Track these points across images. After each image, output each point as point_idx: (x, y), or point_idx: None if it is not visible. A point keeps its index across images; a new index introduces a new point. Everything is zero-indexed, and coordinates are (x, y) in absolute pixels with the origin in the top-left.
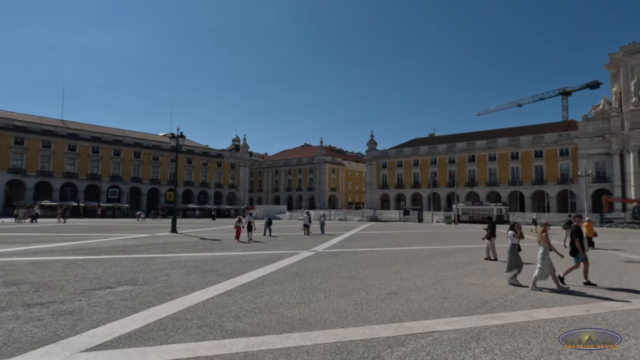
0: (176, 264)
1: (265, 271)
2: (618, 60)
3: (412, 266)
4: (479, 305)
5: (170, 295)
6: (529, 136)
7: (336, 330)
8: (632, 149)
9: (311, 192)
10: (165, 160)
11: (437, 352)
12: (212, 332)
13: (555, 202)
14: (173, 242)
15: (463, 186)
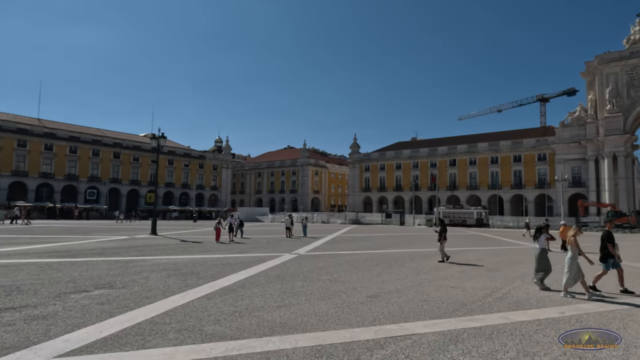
0: (155, 266)
1: (247, 274)
2: (594, 68)
3: (393, 269)
4: (458, 307)
5: (149, 299)
6: (508, 141)
7: (316, 334)
8: (606, 155)
9: (294, 194)
10: (145, 161)
11: (416, 354)
12: (190, 337)
13: (533, 206)
14: (153, 245)
15: (444, 190)
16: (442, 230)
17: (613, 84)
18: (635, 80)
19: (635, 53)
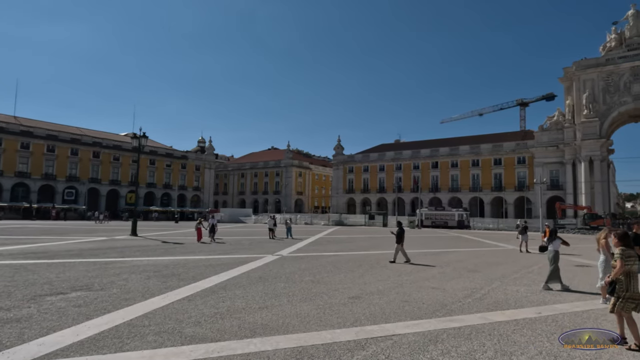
0: (135, 268)
1: (229, 275)
2: (571, 74)
3: (376, 270)
4: (438, 308)
5: (128, 301)
6: (489, 144)
7: (298, 335)
8: (583, 159)
9: (277, 195)
10: (126, 161)
11: (397, 355)
12: (170, 339)
13: (513, 208)
14: (133, 246)
15: (427, 191)
16: (399, 233)
17: (590, 89)
18: (611, 86)
19: (611, 60)
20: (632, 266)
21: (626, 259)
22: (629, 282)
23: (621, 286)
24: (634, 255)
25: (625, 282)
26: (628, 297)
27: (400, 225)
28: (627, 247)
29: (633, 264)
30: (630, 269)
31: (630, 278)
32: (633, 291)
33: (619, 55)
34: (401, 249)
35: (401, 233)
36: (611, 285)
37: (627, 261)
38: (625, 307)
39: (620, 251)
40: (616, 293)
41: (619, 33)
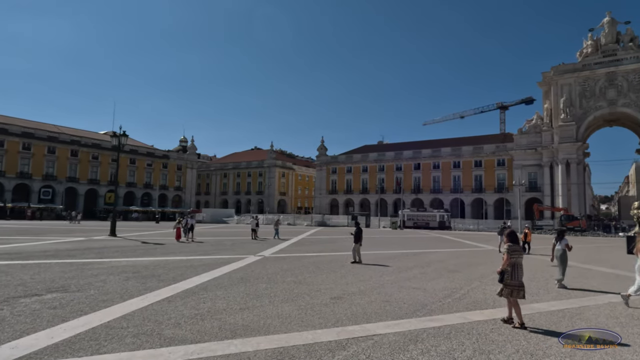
0: (114, 269)
1: (210, 276)
2: (550, 79)
3: (358, 271)
4: (419, 308)
5: (106, 303)
6: (469, 147)
7: (279, 336)
8: (560, 162)
9: (260, 196)
10: (105, 160)
11: (377, 354)
12: (149, 341)
13: (493, 210)
14: (111, 246)
15: (409, 193)
16: (357, 233)
17: (567, 94)
18: (587, 91)
19: (587, 66)
20: (517, 259)
21: (512, 253)
22: (514, 272)
23: (508, 275)
24: (519, 250)
25: (511, 272)
26: (513, 284)
27: (358, 225)
28: (513, 244)
29: (518, 257)
30: (515, 262)
31: (514, 269)
32: (517, 279)
33: (594, 61)
34: (357, 249)
35: (359, 233)
36: (501, 274)
37: (512, 255)
38: (512, 292)
39: (507, 247)
40: (504, 281)
41: (595, 40)
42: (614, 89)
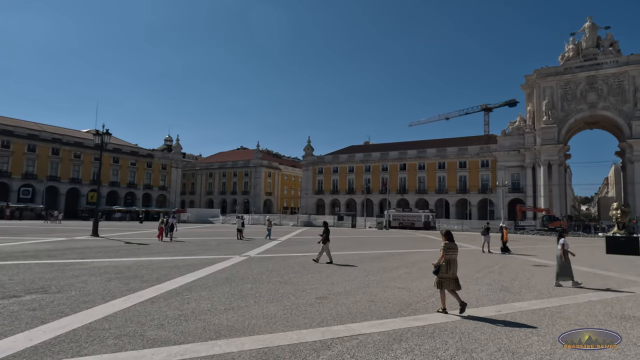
0: (95, 270)
1: (194, 277)
2: (532, 82)
3: (343, 270)
4: (403, 307)
5: (87, 304)
6: (454, 148)
7: (264, 336)
8: (542, 163)
9: (246, 195)
10: (88, 159)
11: (362, 354)
12: (131, 342)
13: (477, 210)
14: (94, 247)
15: (395, 193)
16: (324, 232)
17: (549, 97)
18: (569, 94)
19: (569, 69)
20: (451, 255)
21: (447, 250)
22: (448, 267)
23: (443, 270)
24: (454, 248)
25: (446, 267)
26: (447, 277)
27: (326, 225)
28: (449, 242)
29: (452, 254)
30: (450, 258)
31: (449, 264)
32: (451, 273)
33: (576, 65)
34: (326, 249)
35: (327, 234)
36: (436, 268)
37: (447, 252)
38: (444, 284)
39: (444, 245)
40: (439, 274)
41: (577, 44)
42: (595, 93)
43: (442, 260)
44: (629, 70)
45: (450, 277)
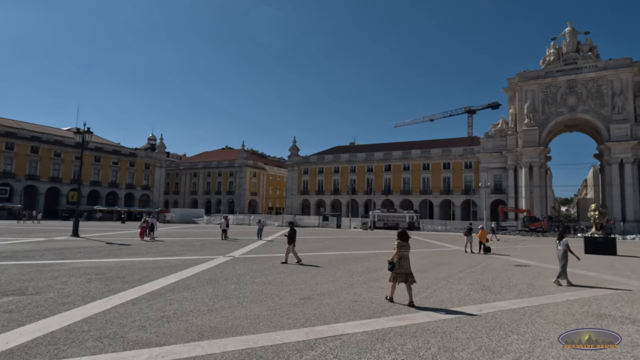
0: (75, 270)
1: (177, 277)
2: (515, 85)
3: (327, 271)
4: (387, 307)
5: (66, 306)
6: (438, 149)
7: (247, 337)
8: (524, 165)
9: (231, 196)
10: (68, 157)
11: (345, 354)
12: (111, 344)
13: (460, 211)
14: (74, 247)
15: (380, 194)
16: (290, 234)
17: (531, 100)
18: (550, 97)
19: (550, 73)
20: (404, 252)
21: (400, 248)
22: (401, 263)
23: (397, 266)
24: (407, 246)
25: (398, 263)
26: (401, 272)
27: (292, 225)
28: (402, 240)
29: (405, 251)
30: (402, 254)
31: (402, 260)
32: (404, 268)
33: (556, 68)
34: (292, 250)
35: (292, 234)
36: (390, 264)
37: (401, 249)
38: (397, 278)
39: (397, 243)
40: (394, 269)
41: (558, 48)
42: (574, 96)
43: (396, 257)
44: (607, 75)
45: (404, 272)
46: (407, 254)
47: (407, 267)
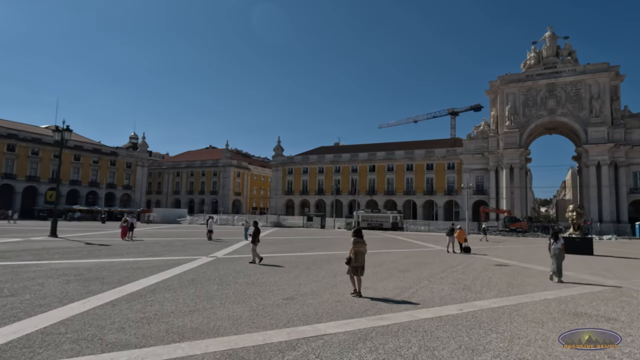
0: (53, 271)
1: (159, 278)
2: (496, 88)
3: (311, 271)
4: (369, 307)
5: (42, 307)
6: (422, 150)
7: (229, 338)
8: (505, 166)
9: (214, 195)
10: (47, 156)
11: (327, 354)
12: (89, 347)
13: (443, 211)
14: (52, 248)
15: (364, 194)
16: (254, 233)
17: (512, 102)
18: (530, 100)
19: (530, 77)
20: (359, 248)
21: (355, 244)
22: (357, 257)
23: (353, 260)
24: (362, 242)
25: (354, 258)
26: (354, 266)
27: (256, 225)
28: (357, 237)
29: (360, 247)
30: (357, 250)
31: (357, 255)
32: (359, 262)
33: (537, 72)
34: (254, 249)
35: (256, 233)
36: (348, 259)
37: (356, 245)
38: (354, 271)
39: (353, 240)
40: (350, 263)
41: (538, 52)
42: (554, 99)
43: (352, 252)
44: (586, 79)
45: (359, 265)
46: (362, 250)
47: (362, 261)
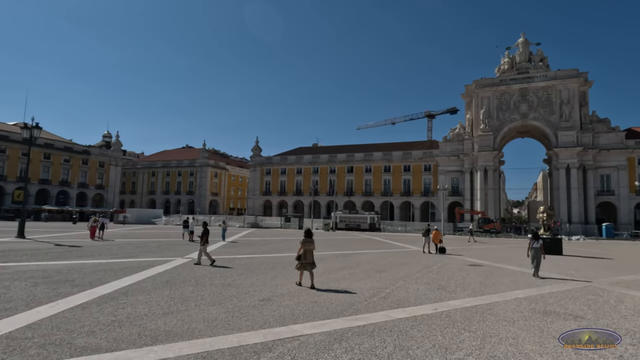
0: (20, 274)
1: (132, 280)
2: (472, 91)
3: (288, 272)
4: (346, 308)
5: (7, 311)
6: (399, 152)
7: (203, 340)
8: (479, 168)
9: (191, 196)
10: (14, 154)
11: (302, 355)
12: (57, 351)
13: (419, 212)
14: (19, 249)
15: (342, 195)
16: (203, 234)
17: (486, 106)
18: (504, 104)
19: (504, 81)
20: (307, 247)
21: (304, 243)
22: (305, 255)
23: (302, 258)
24: (310, 242)
25: (304, 256)
26: (305, 262)
27: (205, 226)
28: (307, 237)
29: (309, 246)
30: (306, 249)
31: (306, 253)
32: (308, 260)
33: (510, 77)
34: (203, 249)
35: (205, 234)
36: (298, 256)
37: (304, 244)
38: (302, 267)
39: (302, 240)
40: (300, 260)
41: (511, 57)
42: (526, 104)
43: (301, 251)
44: (556, 85)
45: (308, 262)
46: (310, 248)
47: (311, 258)
